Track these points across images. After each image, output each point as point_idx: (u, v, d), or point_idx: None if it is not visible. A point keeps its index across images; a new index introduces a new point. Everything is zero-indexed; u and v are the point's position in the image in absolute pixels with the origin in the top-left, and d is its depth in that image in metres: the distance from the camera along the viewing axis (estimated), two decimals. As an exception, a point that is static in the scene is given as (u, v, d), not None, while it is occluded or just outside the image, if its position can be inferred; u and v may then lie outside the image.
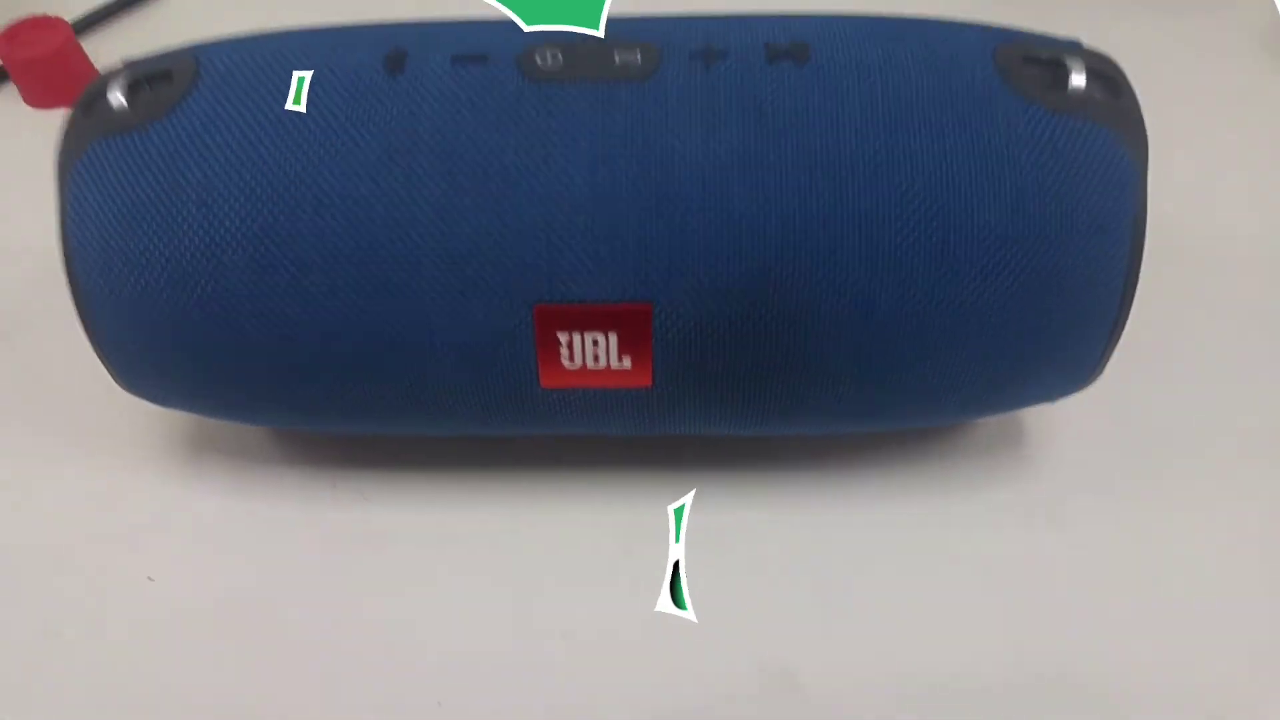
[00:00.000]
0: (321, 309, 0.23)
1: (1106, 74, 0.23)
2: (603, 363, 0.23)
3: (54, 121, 0.24)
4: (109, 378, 0.26)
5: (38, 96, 0.39)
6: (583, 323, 0.23)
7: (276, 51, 0.24)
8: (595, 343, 0.23)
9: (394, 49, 0.23)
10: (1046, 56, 0.24)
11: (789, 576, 0.27)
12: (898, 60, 0.23)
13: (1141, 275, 0.23)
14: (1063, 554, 0.27)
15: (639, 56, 0.23)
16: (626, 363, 0.23)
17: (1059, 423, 0.30)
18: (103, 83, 0.24)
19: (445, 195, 0.22)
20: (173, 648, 0.26)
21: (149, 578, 0.27)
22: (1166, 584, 0.27)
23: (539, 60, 0.23)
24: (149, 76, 0.24)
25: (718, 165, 0.22)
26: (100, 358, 0.25)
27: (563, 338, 0.23)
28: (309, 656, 0.26)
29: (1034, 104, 0.22)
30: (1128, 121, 0.23)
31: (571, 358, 0.23)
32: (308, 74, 0.23)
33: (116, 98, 0.23)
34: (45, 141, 0.25)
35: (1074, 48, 0.24)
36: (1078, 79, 0.23)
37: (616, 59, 0.23)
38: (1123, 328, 0.24)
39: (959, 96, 0.22)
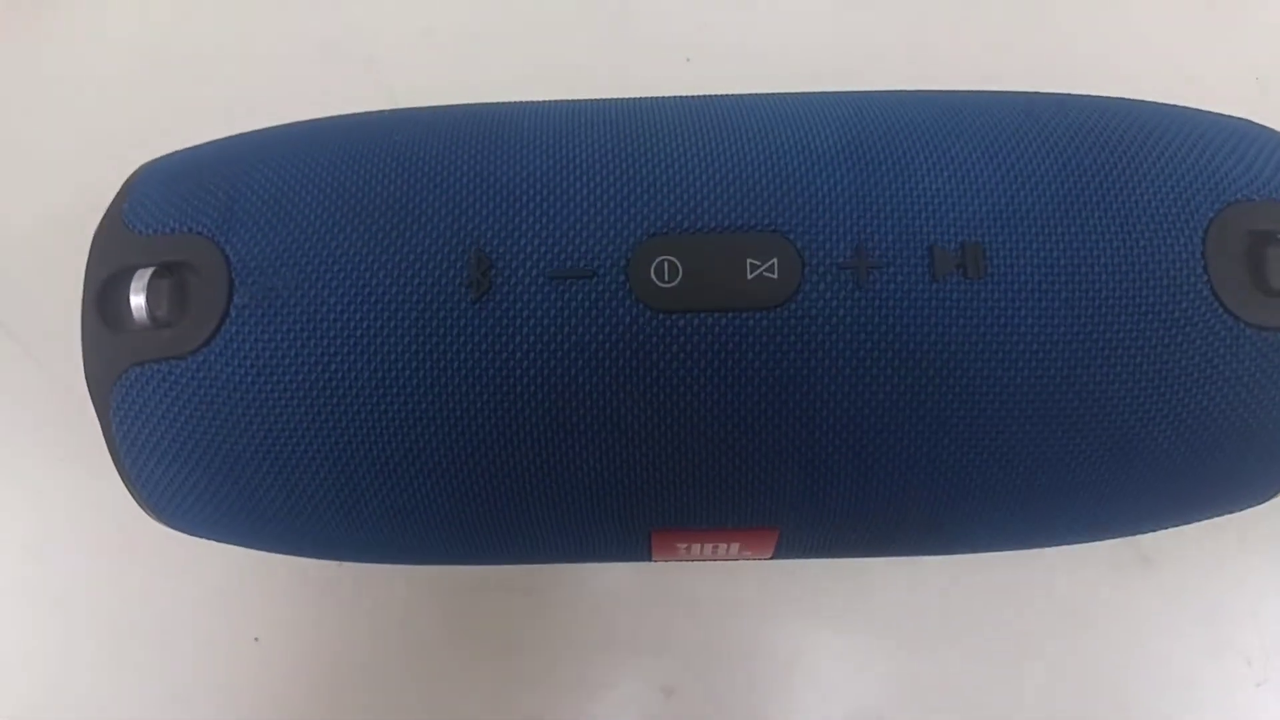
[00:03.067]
0: (422, 551, 0.21)
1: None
2: (720, 555, 0.22)
3: None
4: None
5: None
6: (704, 538, 0.21)
7: (321, 236, 0.19)
8: (715, 549, 0.22)
9: (476, 253, 0.19)
10: (1265, 227, 0.19)
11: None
12: (1089, 257, 0.19)
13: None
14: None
15: (775, 268, 0.19)
16: (746, 554, 0.22)
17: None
18: (115, 274, 0.20)
19: (550, 448, 0.19)
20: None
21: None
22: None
23: (654, 276, 0.19)
24: (168, 265, 0.19)
25: (863, 417, 0.19)
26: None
27: (681, 546, 0.22)
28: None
29: (1240, 323, 0.19)
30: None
31: (689, 553, 0.22)
32: (373, 293, 0.19)
33: (140, 309, 0.19)
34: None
35: None
36: (1296, 272, 0.19)
37: (749, 271, 0.19)
38: None
39: (1151, 314, 0.19)
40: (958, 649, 0.28)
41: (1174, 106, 0.22)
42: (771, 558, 0.23)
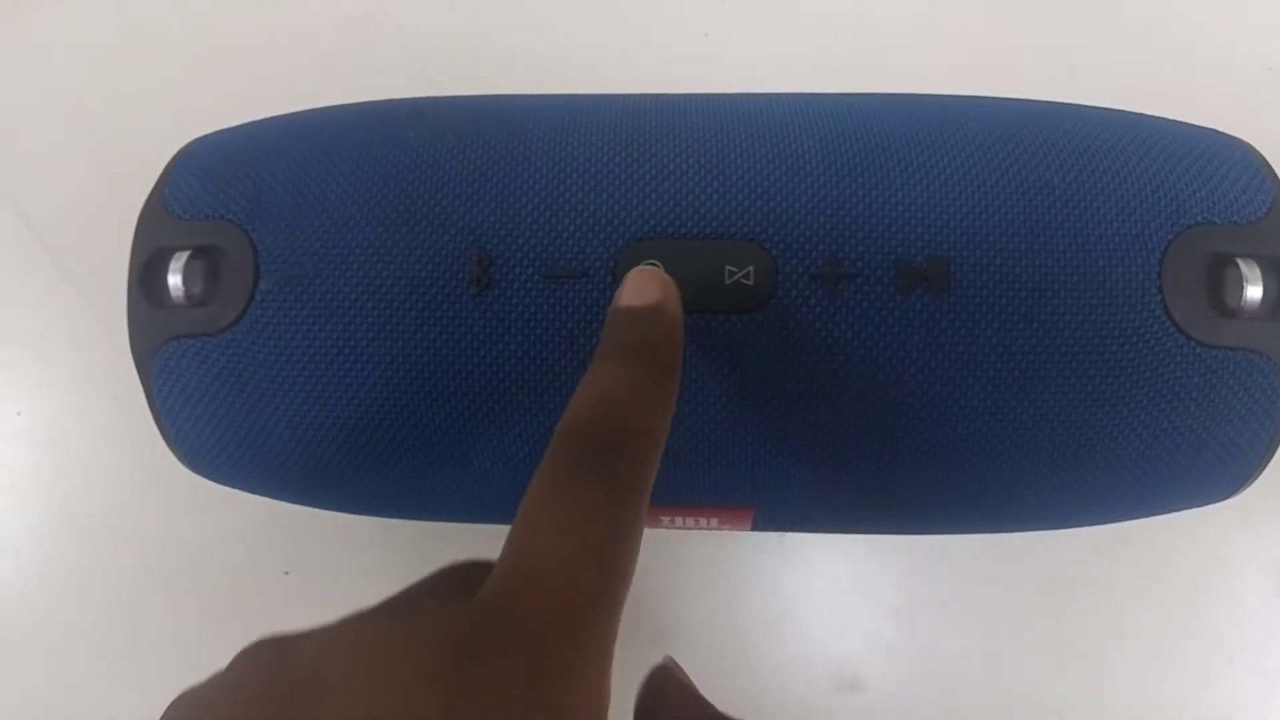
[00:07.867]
0: (426, 511, 0.23)
1: (1288, 273, 0.20)
2: (701, 526, 0.24)
3: None
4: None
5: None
6: (685, 513, 0.23)
7: (339, 229, 0.21)
8: (696, 521, 0.24)
9: (479, 253, 0.20)
10: (1223, 249, 0.20)
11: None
12: (1048, 276, 0.20)
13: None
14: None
15: (752, 275, 0.20)
16: (725, 527, 0.24)
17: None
18: (155, 255, 0.22)
19: (541, 431, 0.21)
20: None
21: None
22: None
23: (639, 278, 0.20)
24: (202, 248, 0.21)
25: (828, 415, 0.21)
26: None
27: (665, 518, 0.24)
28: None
29: (1190, 342, 0.20)
30: (1294, 338, 0.21)
31: (672, 524, 0.24)
32: (385, 285, 0.21)
33: (177, 289, 0.21)
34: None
35: (1259, 218, 0.20)
36: (1253, 292, 0.20)
37: (727, 277, 0.20)
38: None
39: (1107, 334, 0.20)
40: (936, 619, 0.29)
41: (1150, 119, 0.22)
42: (750, 530, 0.25)
